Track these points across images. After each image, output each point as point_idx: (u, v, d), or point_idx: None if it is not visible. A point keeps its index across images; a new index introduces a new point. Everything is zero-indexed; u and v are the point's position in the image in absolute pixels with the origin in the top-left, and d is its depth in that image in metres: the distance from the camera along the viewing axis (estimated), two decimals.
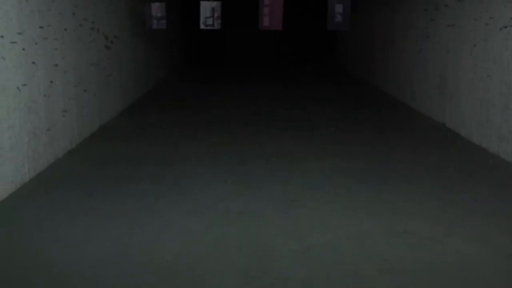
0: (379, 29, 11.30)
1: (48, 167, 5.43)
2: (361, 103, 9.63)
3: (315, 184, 5.04)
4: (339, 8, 7.08)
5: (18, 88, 4.78)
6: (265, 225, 4.08)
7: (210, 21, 7.96)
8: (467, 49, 6.72)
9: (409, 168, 5.57)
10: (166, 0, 8.98)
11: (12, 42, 4.67)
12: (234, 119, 8.09)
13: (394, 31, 10.14)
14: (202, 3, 7.91)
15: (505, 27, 5.75)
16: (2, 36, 4.48)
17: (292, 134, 7.16)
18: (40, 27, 5.28)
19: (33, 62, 5.11)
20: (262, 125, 7.73)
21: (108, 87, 7.79)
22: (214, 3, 7.90)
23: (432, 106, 7.97)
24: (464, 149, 6.38)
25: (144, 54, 10.51)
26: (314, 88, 11.73)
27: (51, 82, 5.58)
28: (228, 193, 4.81)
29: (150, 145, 6.51)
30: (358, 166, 5.65)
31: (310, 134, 7.13)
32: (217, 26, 8.06)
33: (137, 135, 7.07)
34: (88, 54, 6.80)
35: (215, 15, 7.92)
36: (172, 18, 14.46)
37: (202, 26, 8.08)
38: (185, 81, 13.10)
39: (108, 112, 7.76)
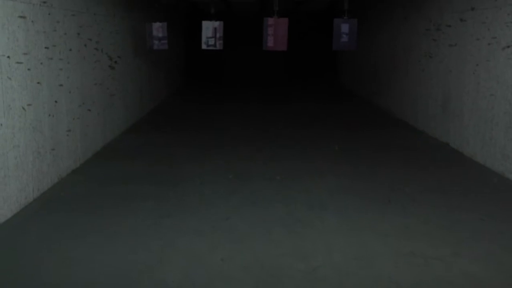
0: (381, 48, 11.35)
1: (52, 187, 5.42)
2: (364, 122, 9.63)
3: (321, 204, 5.02)
4: (345, 27, 6.87)
5: (23, 108, 4.79)
6: (271, 245, 4.06)
7: (212, 41, 7.76)
8: (470, 69, 6.75)
9: (414, 187, 5.55)
10: (169, 20, 9.00)
11: (18, 63, 4.70)
12: (237, 138, 8.09)
13: (397, 50, 10.19)
14: (204, 23, 7.76)
15: (508, 46, 5.78)
16: (8, 57, 4.51)
17: (295, 152, 7.16)
18: (46, 47, 5.31)
19: (38, 82, 5.13)
20: (265, 143, 7.72)
21: (112, 106, 7.81)
22: (217, 23, 7.71)
23: (435, 125, 7.98)
24: (469, 168, 6.37)
25: (147, 74, 10.55)
26: (316, 107, 11.75)
27: (56, 101, 5.59)
28: (233, 212, 4.79)
29: (154, 165, 6.50)
30: (362, 185, 5.63)
31: (314, 153, 7.13)
32: (219, 46, 7.87)
33: (140, 154, 7.07)
34: (92, 74, 6.83)
35: (217, 35, 7.71)
36: (175, 38, 14.57)
37: (203, 47, 7.91)
38: (188, 100, 13.14)
39: (111, 131, 7.77)
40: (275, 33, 6.86)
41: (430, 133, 8.21)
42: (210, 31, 7.72)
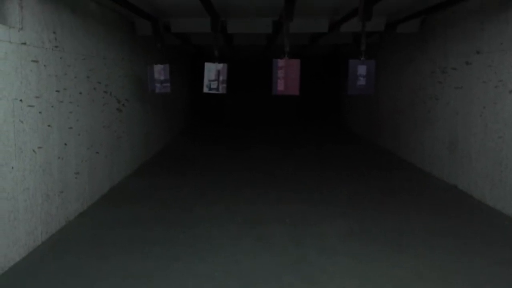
0: (386, 90, 11.44)
1: (60, 230, 5.38)
2: (370, 165, 9.61)
3: (332, 248, 4.96)
4: (362, 69, 6.42)
5: (34, 150, 4.80)
6: None
7: (214, 85, 7.39)
8: (477, 111, 6.77)
9: (424, 231, 5.49)
10: (174, 62, 9.04)
11: (30, 106, 4.73)
12: (243, 181, 8.06)
13: (401, 92, 10.26)
14: (206, 64, 7.41)
15: None
16: (20, 100, 4.55)
17: (302, 196, 7.11)
18: (57, 90, 5.36)
19: (49, 125, 5.16)
20: (273, 186, 7.69)
21: (119, 149, 7.83)
22: (220, 66, 7.39)
23: (443, 168, 7.96)
24: (479, 211, 6.31)
25: (153, 116, 10.61)
26: (321, 150, 11.76)
27: (65, 144, 5.61)
28: (243, 256, 4.73)
29: (161, 207, 6.46)
30: (373, 229, 5.57)
31: (321, 196, 7.08)
32: (222, 90, 7.44)
33: (148, 197, 7.03)
34: (101, 117, 6.86)
35: (221, 78, 7.40)
36: (180, 80, 14.72)
37: (205, 90, 7.47)
38: (193, 143, 13.17)
39: (118, 173, 7.76)
40: (286, 76, 6.48)
41: (437, 175, 8.18)
42: (212, 74, 7.39)
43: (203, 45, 12.58)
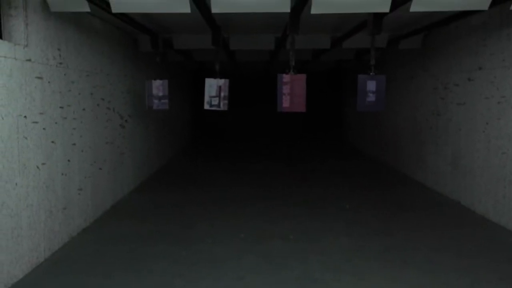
0: (388, 106, 11.42)
1: (63, 246, 5.37)
2: (373, 181, 9.60)
3: (336, 264, 4.94)
4: (371, 85, 6.13)
5: (37, 167, 4.81)
6: None
7: (215, 101, 7.17)
8: (480, 127, 6.77)
9: (428, 247, 5.46)
10: (176, 77, 9.01)
11: (34, 122, 4.75)
12: (246, 197, 8.05)
13: (404, 108, 10.28)
14: (207, 80, 7.21)
15: None
16: (25, 116, 4.56)
17: (306, 211, 7.10)
18: (61, 107, 5.38)
19: (53, 141, 5.17)
20: (275, 202, 7.68)
21: (122, 165, 7.83)
22: (221, 81, 7.20)
23: (446, 184, 7.95)
24: (482, 227, 6.28)
25: (155, 132, 10.63)
26: (324, 165, 11.76)
27: (69, 160, 5.61)
28: (247, 273, 4.71)
29: (164, 224, 6.45)
30: (376, 245, 5.55)
31: (324, 211, 7.07)
32: (223, 107, 7.20)
33: (150, 213, 7.02)
34: (104, 133, 6.88)
35: (222, 94, 7.20)
36: (182, 95, 14.76)
37: (206, 107, 7.21)
38: (195, 158, 13.18)
39: (121, 189, 7.75)
40: (292, 92, 6.14)
41: (440, 191, 8.16)
42: (214, 90, 7.17)
43: (205, 61, 12.63)
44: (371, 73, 6.17)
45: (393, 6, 5.05)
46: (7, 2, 4.61)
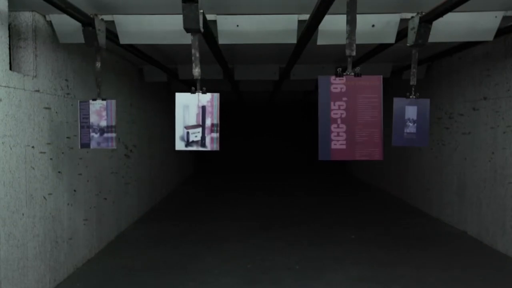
0: (391, 135, 11.44)
1: (68, 277, 5.32)
2: (377, 211, 9.55)
3: None
4: (412, 112, 4.63)
5: (44, 197, 4.80)
6: None
7: (196, 135, 4.15)
8: (485, 156, 6.76)
9: (436, 278, 5.40)
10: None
11: (42, 152, 4.75)
12: (250, 227, 8.00)
13: None
14: (178, 96, 4.20)
15: None
16: (33, 147, 4.57)
17: (311, 241, 7.04)
18: (67, 137, 5.38)
19: (59, 172, 5.17)
20: (280, 232, 7.63)
21: (127, 195, 7.81)
22: (206, 97, 4.22)
23: (452, 214, 7.90)
24: (490, 258, 6.22)
25: (159, 162, 10.63)
26: (326, 195, 11.73)
27: (75, 191, 5.60)
28: None
29: (169, 254, 6.39)
30: (383, 276, 5.49)
31: (330, 242, 7.01)
32: (211, 145, 4.16)
33: (154, 243, 6.97)
34: (109, 163, 6.88)
35: (207, 122, 4.18)
36: None
37: (179, 146, 4.15)
38: (198, 189, 13.15)
39: (125, 220, 7.72)
40: (353, 115, 4.14)
41: (446, 220, 8.11)
42: (192, 114, 4.17)
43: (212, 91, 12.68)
44: (411, 96, 4.70)
45: (398, 38, 5.10)
46: (17, 33, 4.66)
